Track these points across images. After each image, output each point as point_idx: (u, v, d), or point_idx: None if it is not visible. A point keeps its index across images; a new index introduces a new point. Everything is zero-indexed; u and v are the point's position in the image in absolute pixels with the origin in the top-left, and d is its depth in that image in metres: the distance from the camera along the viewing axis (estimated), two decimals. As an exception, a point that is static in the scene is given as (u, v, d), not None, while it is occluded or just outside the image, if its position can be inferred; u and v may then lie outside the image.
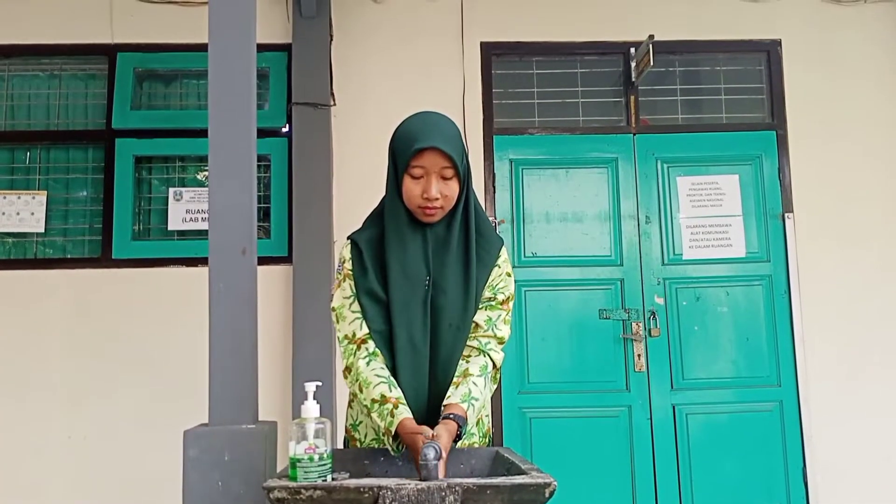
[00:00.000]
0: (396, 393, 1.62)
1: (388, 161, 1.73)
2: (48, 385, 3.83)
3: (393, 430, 1.57)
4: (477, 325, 1.73)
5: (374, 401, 1.62)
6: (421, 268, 1.69)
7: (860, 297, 4.04)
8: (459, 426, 1.57)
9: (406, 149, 1.62)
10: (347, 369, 1.70)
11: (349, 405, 1.87)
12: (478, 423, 1.79)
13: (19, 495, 3.75)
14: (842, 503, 3.89)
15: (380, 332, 1.69)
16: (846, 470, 3.90)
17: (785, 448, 3.92)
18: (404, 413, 1.58)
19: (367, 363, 1.66)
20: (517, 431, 3.89)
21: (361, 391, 1.65)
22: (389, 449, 1.62)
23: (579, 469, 3.80)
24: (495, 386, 1.76)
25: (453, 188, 1.65)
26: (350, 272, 1.72)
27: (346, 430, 1.85)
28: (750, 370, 3.99)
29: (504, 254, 1.78)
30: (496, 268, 1.75)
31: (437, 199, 1.62)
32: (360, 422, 1.80)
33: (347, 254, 1.75)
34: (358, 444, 1.80)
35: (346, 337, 1.70)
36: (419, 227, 1.69)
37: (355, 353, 1.68)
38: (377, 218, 1.75)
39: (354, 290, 1.71)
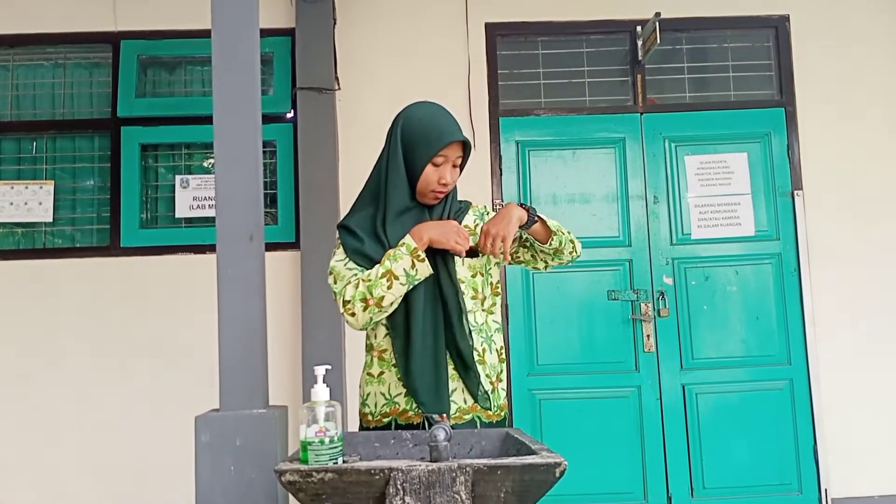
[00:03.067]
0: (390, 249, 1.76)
1: (394, 146, 1.82)
2: (59, 373, 3.86)
3: (410, 241, 1.72)
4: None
5: (382, 274, 1.71)
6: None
7: (871, 275, 4.02)
8: (524, 206, 1.80)
9: (436, 140, 1.77)
10: (348, 302, 1.72)
11: (359, 386, 1.89)
12: (493, 392, 1.82)
13: (34, 483, 3.80)
14: (853, 481, 3.89)
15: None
16: (857, 448, 3.90)
17: (795, 427, 3.92)
18: (408, 238, 1.74)
19: (361, 275, 1.75)
20: (527, 413, 3.90)
21: (371, 282, 1.71)
22: (423, 264, 1.72)
23: (589, 450, 3.81)
24: (574, 249, 1.96)
25: (456, 174, 1.85)
26: (342, 244, 1.82)
27: (359, 413, 1.88)
28: (760, 349, 3.98)
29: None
30: (469, 214, 1.93)
31: (450, 184, 1.82)
32: (369, 393, 1.83)
33: (339, 237, 1.86)
34: (370, 418, 1.81)
35: (343, 279, 1.77)
36: (417, 204, 1.84)
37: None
38: (367, 200, 1.85)
39: (346, 257, 1.81)
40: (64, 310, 3.90)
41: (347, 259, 1.80)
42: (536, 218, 1.83)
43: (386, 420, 1.79)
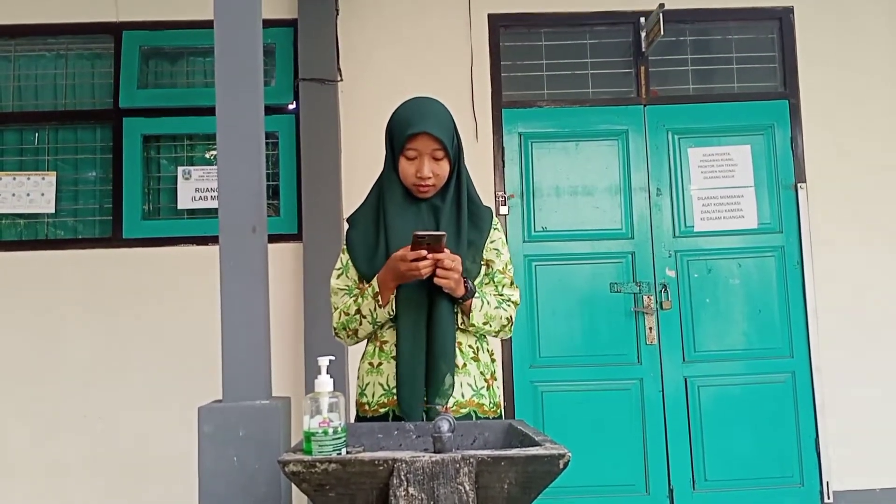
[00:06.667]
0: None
1: (384, 141, 1.88)
2: (62, 365, 3.86)
3: (375, 286, 1.77)
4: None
5: (355, 311, 1.81)
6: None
7: (873, 267, 4.01)
8: (467, 282, 1.76)
9: (400, 133, 1.79)
10: (335, 328, 1.88)
11: (357, 377, 1.92)
12: (489, 389, 1.85)
13: (37, 475, 3.81)
14: (854, 474, 3.90)
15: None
16: (859, 441, 3.90)
17: (797, 419, 3.92)
18: (374, 280, 1.79)
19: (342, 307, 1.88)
20: (529, 405, 3.90)
21: (349, 317, 1.83)
22: (382, 309, 1.77)
23: (591, 442, 3.82)
24: (506, 332, 1.89)
25: (444, 167, 1.81)
26: (344, 248, 1.91)
27: (356, 403, 1.90)
28: (762, 342, 3.97)
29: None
30: (495, 230, 1.91)
31: (429, 177, 1.79)
32: (368, 383, 1.86)
33: (345, 233, 1.93)
34: (367, 408, 1.84)
35: (335, 307, 1.90)
36: (415, 199, 1.85)
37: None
38: (373, 196, 1.91)
39: (344, 264, 1.90)
40: (66, 301, 3.90)
41: (342, 271, 1.89)
42: (466, 299, 1.79)
43: (383, 410, 1.81)
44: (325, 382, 1.46)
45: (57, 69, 4.18)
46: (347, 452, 1.42)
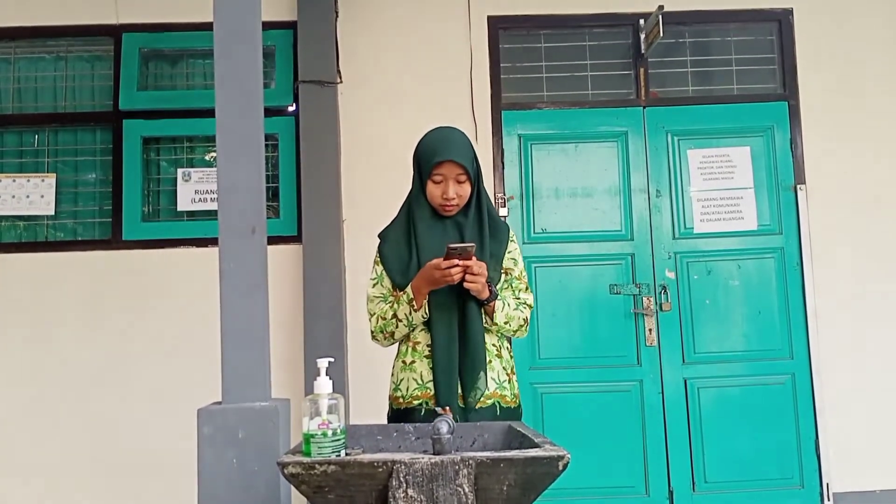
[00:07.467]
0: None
1: (412, 167, 2.09)
2: (62, 367, 3.86)
3: (409, 292, 1.97)
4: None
5: (392, 315, 2.01)
6: (445, 245, 1.98)
7: (873, 269, 4.01)
8: (491, 286, 1.97)
9: (428, 160, 2.02)
10: (373, 332, 2.08)
11: (391, 374, 2.11)
12: (510, 382, 2.06)
13: (37, 475, 3.80)
14: (854, 476, 3.89)
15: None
16: (859, 443, 3.90)
17: (797, 421, 3.92)
18: (408, 288, 1.99)
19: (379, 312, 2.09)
20: (529, 407, 3.89)
21: (385, 322, 2.03)
22: (417, 313, 1.97)
23: (591, 444, 3.82)
24: (523, 332, 2.11)
25: (466, 189, 2.05)
26: (378, 260, 2.10)
27: (390, 398, 2.09)
28: (762, 343, 3.97)
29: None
30: (511, 242, 2.15)
31: (453, 198, 2.02)
32: (402, 379, 2.05)
33: (377, 248, 2.13)
34: (401, 401, 2.02)
35: (371, 314, 2.08)
36: (441, 217, 2.07)
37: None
38: (403, 214, 2.12)
39: (378, 274, 2.09)
40: (66, 303, 3.90)
41: (377, 281, 2.09)
42: (490, 301, 2.00)
43: (416, 403, 1.99)
44: (324, 384, 1.46)
45: (57, 71, 4.19)
46: (347, 454, 1.42)
